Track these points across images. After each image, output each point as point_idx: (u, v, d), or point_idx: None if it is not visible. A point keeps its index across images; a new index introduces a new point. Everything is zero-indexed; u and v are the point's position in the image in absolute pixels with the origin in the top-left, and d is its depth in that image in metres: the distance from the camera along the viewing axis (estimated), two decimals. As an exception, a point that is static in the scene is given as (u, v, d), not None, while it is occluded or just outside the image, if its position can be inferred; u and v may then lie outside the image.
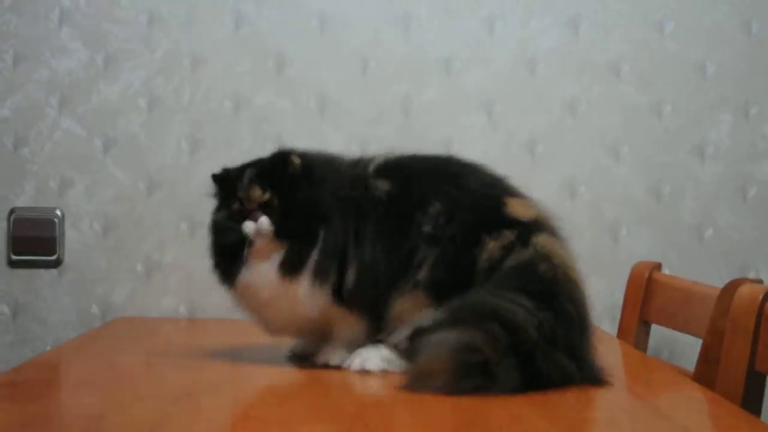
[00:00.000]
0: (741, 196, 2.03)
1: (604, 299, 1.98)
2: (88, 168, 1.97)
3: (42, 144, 1.97)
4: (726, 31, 2.03)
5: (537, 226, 1.34)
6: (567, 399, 1.22)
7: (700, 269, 1.97)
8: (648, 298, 1.76)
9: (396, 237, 1.33)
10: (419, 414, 1.13)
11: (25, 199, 1.96)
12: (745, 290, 1.32)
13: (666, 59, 2.03)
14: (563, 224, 1.97)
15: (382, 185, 1.37)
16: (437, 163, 1.42)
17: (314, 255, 1.31)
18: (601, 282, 1.97)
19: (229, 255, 1.35)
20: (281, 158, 1.36)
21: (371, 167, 1.39)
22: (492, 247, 1.29)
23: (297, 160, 1.34)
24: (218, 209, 1.40)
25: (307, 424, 1.11)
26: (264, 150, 1.93)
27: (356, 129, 2.00)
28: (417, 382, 1.20)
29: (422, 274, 1.30)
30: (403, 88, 2.01)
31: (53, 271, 1.97)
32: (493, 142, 2.01)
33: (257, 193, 1.33)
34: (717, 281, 1.49)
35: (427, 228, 1.32)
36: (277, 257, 1.31)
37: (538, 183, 2.01)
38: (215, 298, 1.95)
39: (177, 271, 1.97)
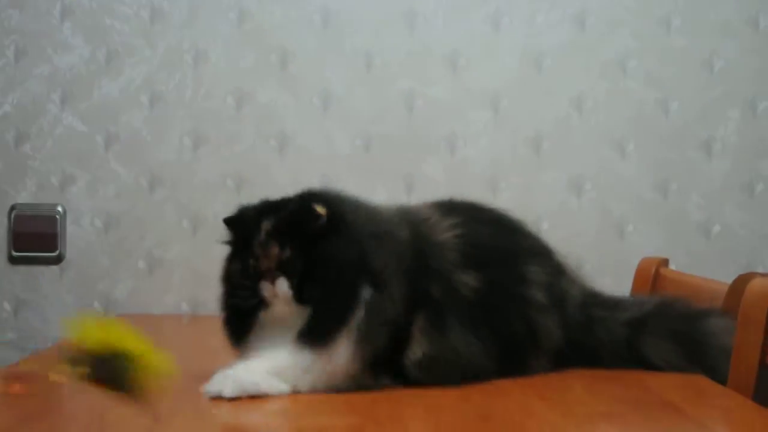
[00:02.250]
0: (748, 193, 2.01)
1: (610, 296, 1.96)
2: (90, 164, 1.96)
3: (43, 140, 1.95)
4: (733, 26, 2.01)
5: None
6: (577, 393, 1.21)
7: (707, 266, 1.95)
8: (655, 293, 1.74)
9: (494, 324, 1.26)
10: (430, 408, 1.11)
11: (26, 195, 1.95)
12: (756, 283, 1.29)
13: (673, 55, 2.01)
14: (569, 221, 1.99)
15: (469, 280, 1.25)
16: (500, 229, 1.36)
17: (357, 318, 1.14)
18: (607, 279, 1.94)
19: (243, 316, 1.21)
20: (303, 210, 1.17)
21: (451, 254, 1.25)
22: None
23: (322, 211, 1.16)
24: (231, 258, 1.23)
25: (316, 418, 1.09)
26: (267, 147, 1.97)
27: (360, 125, 1.98)
28: None
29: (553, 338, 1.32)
30: (408, 84, 1.99)
31: (54, 268, 1.95)
32: (498, 138, 1.99)
33: (275, 252, 1.16)
34: (724, 278, 1.47)
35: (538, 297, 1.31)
36: (297, 324, 1.15)
37: (544, 180, 2.00)
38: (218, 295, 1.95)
39: (179, 268, 1.96)
